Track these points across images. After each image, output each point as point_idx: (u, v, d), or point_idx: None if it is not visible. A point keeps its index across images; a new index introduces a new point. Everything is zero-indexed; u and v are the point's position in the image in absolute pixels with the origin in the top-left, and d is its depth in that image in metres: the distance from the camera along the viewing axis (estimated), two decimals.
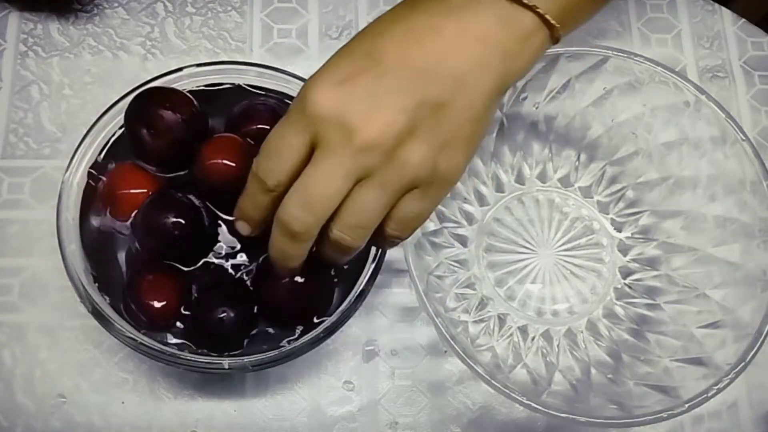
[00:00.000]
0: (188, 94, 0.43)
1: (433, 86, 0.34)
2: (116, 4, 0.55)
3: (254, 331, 0.42)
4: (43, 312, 0.47)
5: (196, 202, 0.42)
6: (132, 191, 0.43)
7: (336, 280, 0.43)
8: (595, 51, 0.46)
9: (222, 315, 0.40)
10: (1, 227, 0.49)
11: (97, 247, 0.43)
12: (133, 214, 0.42)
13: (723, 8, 0.58)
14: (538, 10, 0.35)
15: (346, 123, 0.33)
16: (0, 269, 0.48)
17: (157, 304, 0.41)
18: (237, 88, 0.46)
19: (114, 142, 0.44)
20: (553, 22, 0.36)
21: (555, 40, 0.37)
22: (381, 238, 0.36)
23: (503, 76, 0.35)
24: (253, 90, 0.46)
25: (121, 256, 0.43)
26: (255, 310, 0.42)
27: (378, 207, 0.34)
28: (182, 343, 0.41)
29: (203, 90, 0.45)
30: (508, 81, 0.36)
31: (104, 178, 0.43)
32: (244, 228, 0.38)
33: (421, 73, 0.34)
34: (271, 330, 0.42)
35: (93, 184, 0.43)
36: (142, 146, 0.43)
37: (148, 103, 0.42)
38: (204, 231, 0.42)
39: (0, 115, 0.51)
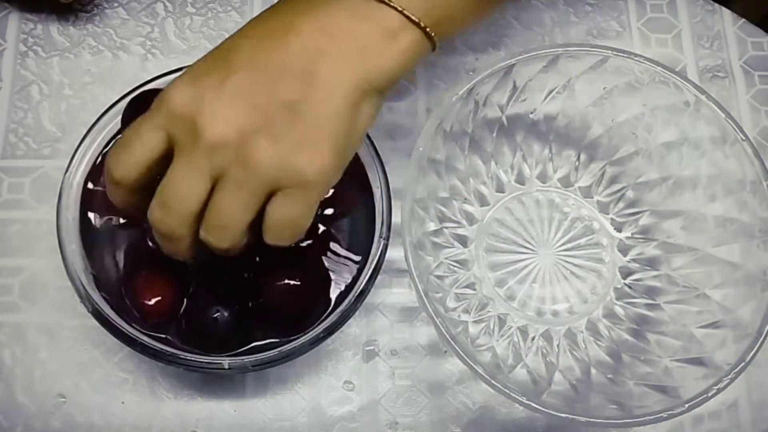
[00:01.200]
0: None
1: (283, 84, 0.33)
2: (116, 4, 0.55)
3: (249, 336, 0.42)
4: (43, 312, 0.47)
5: None
6: None
7: (333, 282, 0.43)
8: (595, 51, 0.46)
9: (216, 315, 0.40)
10: (1, 227, 0.49)
11: (97, 247, 0.43)
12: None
13: (723, 8, 0.58)
14: (397, 6, 0.35)
15: (194, 121, 0.33)
16: (0, 269, 0.48)
17: (150, 302, 0.41)
18: None
19: (114, 142, 0.44)
20: (416, 19, 0.35)
21: (432, 42, 0.36)
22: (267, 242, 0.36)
23: (365, 72, 0.34)
24: None
25: (121, 256, 0.43)
26: (250, 311, 0.42)
27: (237, 207, 0.34)
28: (172, 341, 0.41)
29: None
30: (374, 78, 0.35)
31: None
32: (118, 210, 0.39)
33: (271, 71, 0.34)
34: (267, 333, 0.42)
35: (93, 185, 0.43)
36: None
37: (144, 106, 0.42)
38: None
39: (0, 115, 0.51)
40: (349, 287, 0.42)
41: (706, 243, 0.48)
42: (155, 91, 0.43)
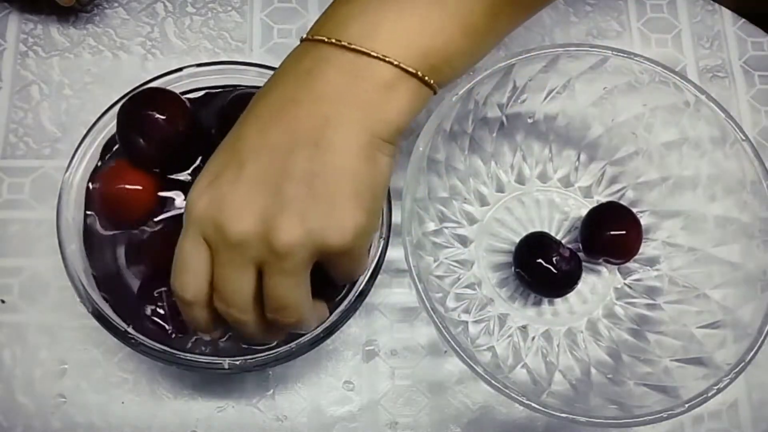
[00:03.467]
0: (179, 96, 0.43)
1: (295, 160, 0.33)
2: (116, 4, 0.55)
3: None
4: (43, 312, 0.47)
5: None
6: (128, 187, 0.43)
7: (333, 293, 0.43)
8: (595, 51, 0.46)
9: None
10: (1, 227, 0.49)
11: (97, 247, 0.43)
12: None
13: (723, 8, 0.58)
14: (389, 59, 0.34)
15: (217, 222, 0.33)
16: (0, 269, 0.48)
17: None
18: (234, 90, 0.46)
19: (114, 142, 0.44)
20: (412, 70, 0.35)
21: (432, 88, 0.36)
22: None
23: (372, 128, 0.34)
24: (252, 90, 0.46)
25: (122, 256, 0.43)
26: None
27: (289, 289, 0.34)
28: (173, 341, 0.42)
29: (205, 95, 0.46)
30: (382, 132, 0.35)
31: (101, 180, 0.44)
32: (207, 337, 0.39)
33: (281, 151, 0.33)
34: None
35: (93, 185, 0.43)
36: (133, 151, 0.43)
37: (137, 108, 0.42)
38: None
39: (0, 115, 0.51)
40: (349, 287, 0.42)
41: (706, 243, 0.48)
42: (151, 90, 0.43)
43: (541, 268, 0.47)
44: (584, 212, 0.51)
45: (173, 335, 0.41)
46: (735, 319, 0.44)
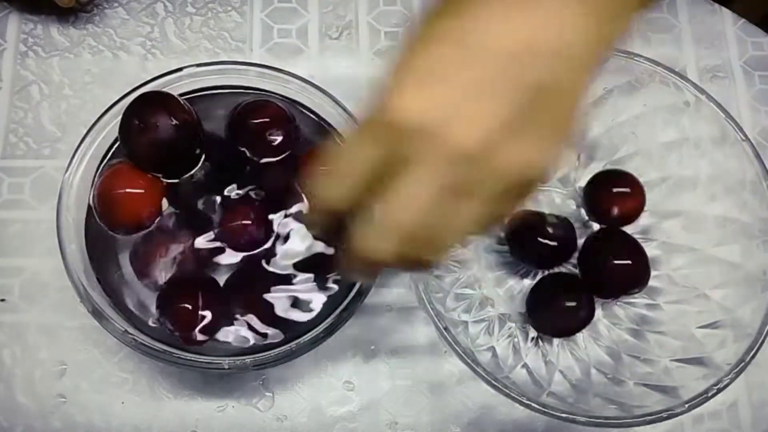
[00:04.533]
0: (180, 100, 0.43)
1: (532, 69, 0.28)
2: (116, 4, 0.55)
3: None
4: (43, 312, 0.47)
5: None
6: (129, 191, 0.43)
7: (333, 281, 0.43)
8: None
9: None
10: (1, 227, 0.49)
11: (98, 247, 0.43)
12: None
13: (723, 8, 0.58)
14: None
15: (435, 131, 0.28)
16: (0, 269, 0.48)
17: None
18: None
19: (114, 141, 0.44)
20: None
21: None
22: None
23: (605, 46, 0.30)
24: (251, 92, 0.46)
25: (123, 257, 0.43)
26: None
27: (477, 219, 0.30)
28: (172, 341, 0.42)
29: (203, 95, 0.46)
30: (607, 51, 0.30)
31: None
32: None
33: (517, 55, 0.28)
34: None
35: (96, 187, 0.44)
36: (135, 154, 0.43)
37: (138, 112, 0.42)
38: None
39: (0, 115, 0.51)
40: (350, 287, 0.42)
41: (706, 243, 0.48)
42: (156, 93, 0.43)
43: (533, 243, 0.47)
44: (584, 212, 0.51)
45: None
46: (735, 319, 0.44)
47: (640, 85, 0.47)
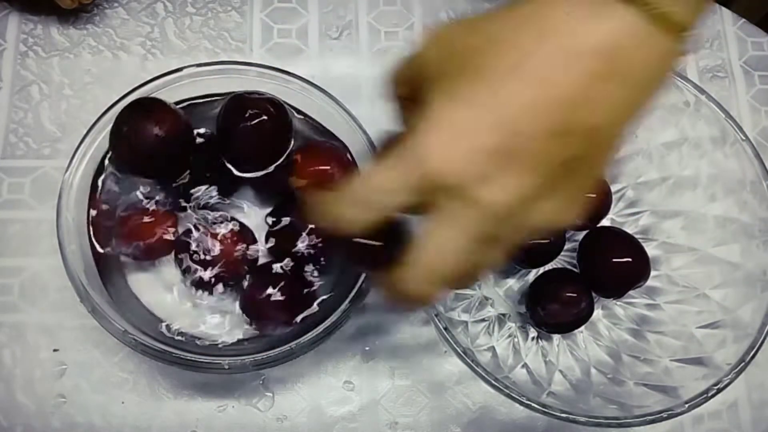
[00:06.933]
0: (171, 106, 0.43)
1: (563, 142, 0.29)
2: (116, 4, 0.55)
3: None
4: (43, 312, 0.47)
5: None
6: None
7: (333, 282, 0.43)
8: None
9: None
10: (1, 227, 0.49)
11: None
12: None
13: (723, 8, 0.58)
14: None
15: (470, 191, 0.29)
16: (0, 269, 0.48)
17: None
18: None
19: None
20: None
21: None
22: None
23: (639, 109, 0.30)
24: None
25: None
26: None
27: (498, 262, 0.32)
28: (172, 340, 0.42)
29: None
30: (638, 119, 0.31)
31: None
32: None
33: (552, 125, 0.28)
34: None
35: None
36: (124, 161, 0.43)
37: (128, 119, 0.42)
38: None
39: (0, 115, 0.51)
40: (350, 287, 0.42)
41: (706, 243, 0.48)
42: (149, 99, 0.43)
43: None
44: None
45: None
46: (735, 319, 0.44)
47: None
